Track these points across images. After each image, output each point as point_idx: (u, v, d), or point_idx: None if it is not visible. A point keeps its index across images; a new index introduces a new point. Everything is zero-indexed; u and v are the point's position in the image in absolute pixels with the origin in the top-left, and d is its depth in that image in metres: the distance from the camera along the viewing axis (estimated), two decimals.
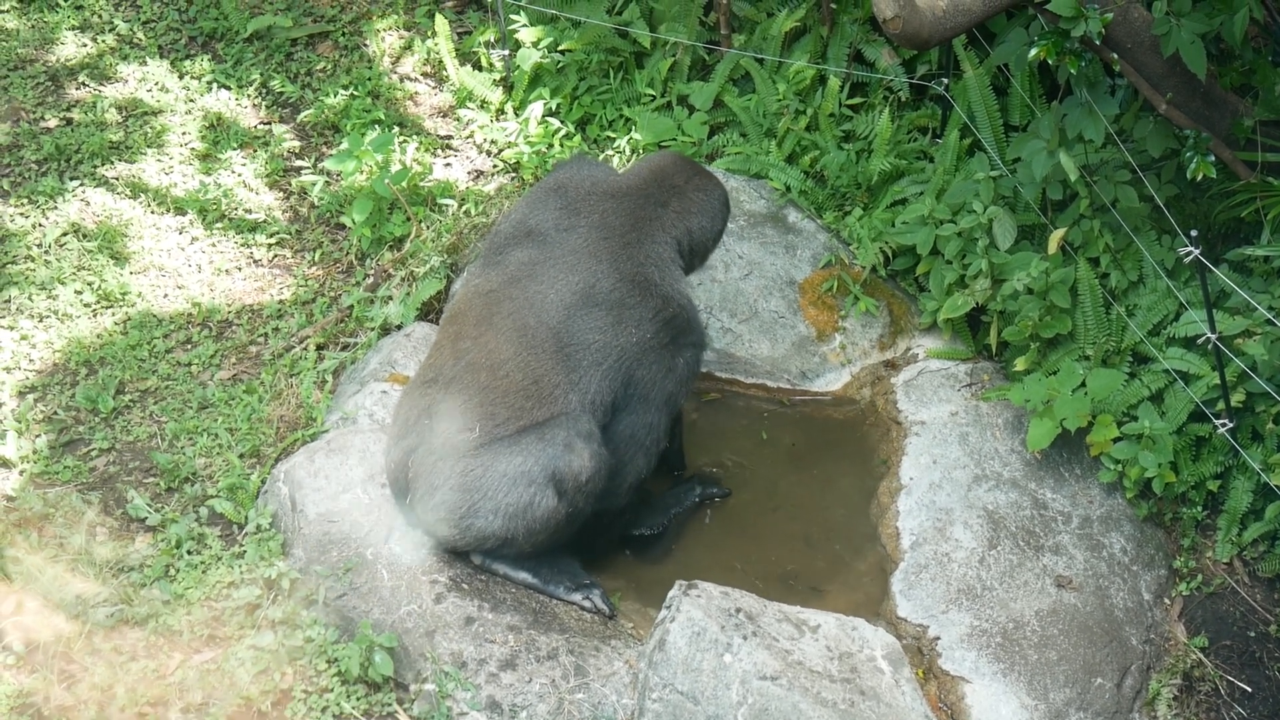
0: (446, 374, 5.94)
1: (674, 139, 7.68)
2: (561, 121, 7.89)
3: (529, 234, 6.08)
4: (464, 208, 7.49)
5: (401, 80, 8.31)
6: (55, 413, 6.70)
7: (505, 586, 5.92)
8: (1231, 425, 6.09)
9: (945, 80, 7.29)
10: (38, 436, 6.58)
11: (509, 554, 5.92)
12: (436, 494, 5.81)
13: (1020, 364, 6.54)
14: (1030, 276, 6.42)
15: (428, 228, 7.39)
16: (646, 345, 5.91)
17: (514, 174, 7.80)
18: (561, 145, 7.80)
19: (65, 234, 7.42)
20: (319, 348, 6.99)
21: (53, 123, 8.02)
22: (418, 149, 7.87)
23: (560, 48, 7.97)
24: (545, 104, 7.92)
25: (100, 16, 8.55)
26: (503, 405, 5.84)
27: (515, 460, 5.76)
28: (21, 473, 6.44)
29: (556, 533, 5.87)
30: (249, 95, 8.24)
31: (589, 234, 5.99)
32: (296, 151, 7.98)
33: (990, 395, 6.65)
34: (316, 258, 7.46)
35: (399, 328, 6.94)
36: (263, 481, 6.33)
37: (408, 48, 8.44)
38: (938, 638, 5.97)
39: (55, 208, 7.55)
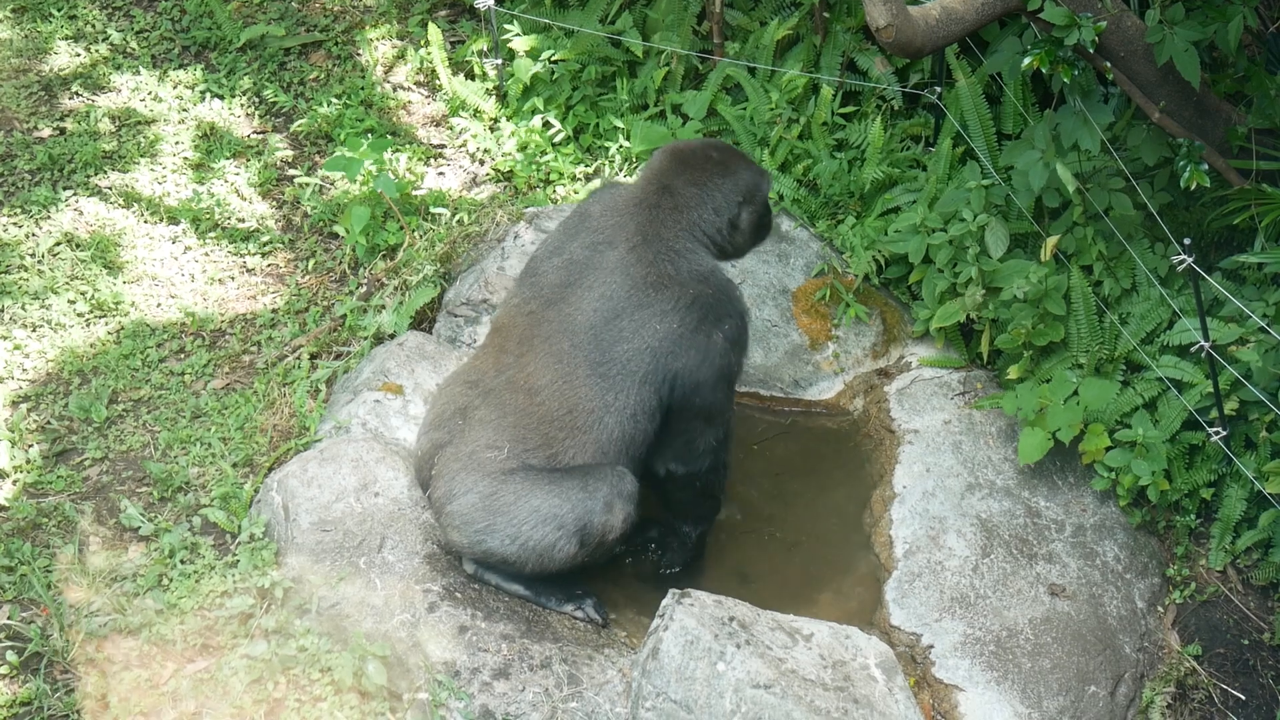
0: (487, 383, 5.95)
1: None
2: (557, 128, 7.89)
3: (562, 260, 6.05)
4: (457, 217, 7.49)
5: (394, 89, 8.31)
6: (48, 422, 6.69)
7: (498, 595, 5.91)
8: (1225, 433, 6.09)
9: (938, 89, 7.29)
10: (31, 446, 6.57)
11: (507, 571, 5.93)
12: (455, 501, 5.82)
13: (1013, 372, 6.54)
14: (1029, 284, 6.41)
15: (420, 237, 7.39)
16: (676, 335, 5.84)
17: (507, 183, 7.80)
18: (555, 154, 7.81)
19: (58, 243, 7.42)
20: (312, 357, 6.99)
21: (46, 132, 8.02)
22: (410, 158, 7.87)
23: (553, 57, 7.97)
24: (538, 113, 7.92)
25: (93, 26, 8.55)
26: (535, 432, 5.84)
27: (552, 501, 5.76)
28: (14, 482, 6.43)
29: (563, 570, 5.88)
30: (242, 105, 8.24)
31: (607, 251, 5.97)
32: (289, 161, 7.98)
33: (983, 404, 6.65)
34: (309, 267, 7.45)
35: (392, 336, 6.93)
36: (256, 491, 6.32)
37: (400, 57, 8.45)
38: (931, 646, 5.97)
39: (48, 217, 7.54)
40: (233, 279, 7.42)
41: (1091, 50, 6.05)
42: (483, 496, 5.79)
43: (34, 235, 7.46)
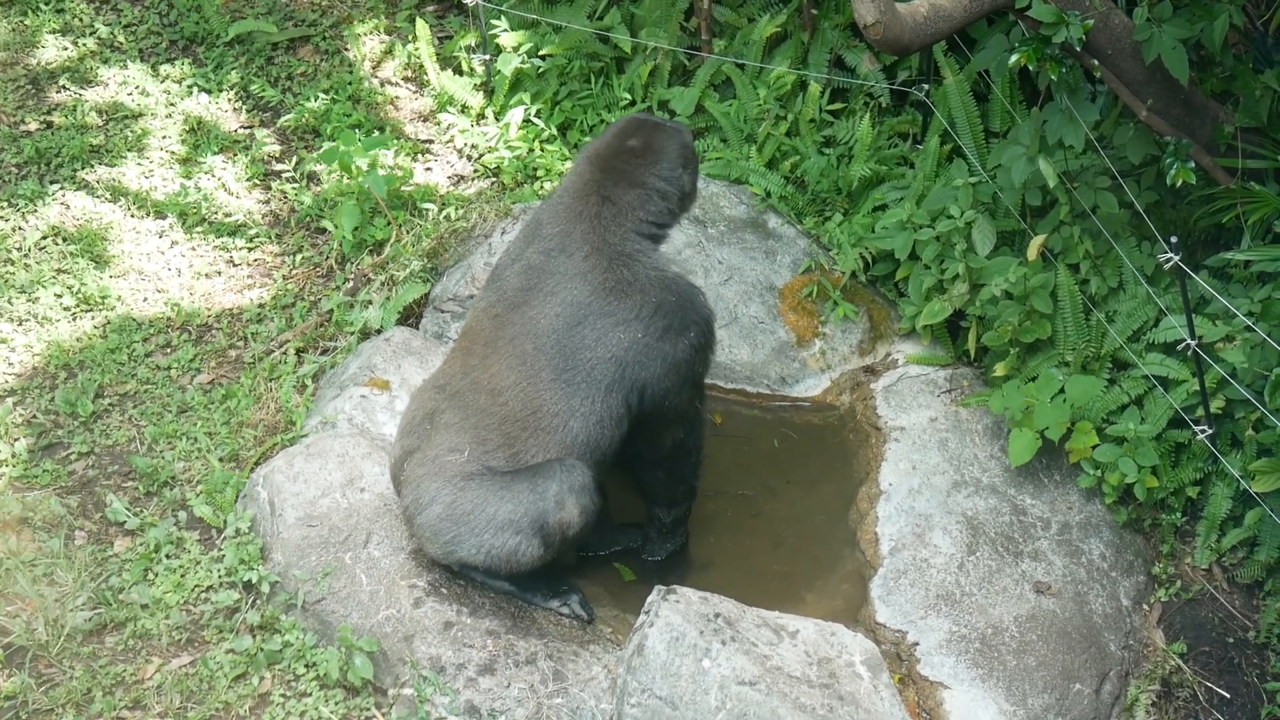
0: (454, 385, 5.92)
1: None
2: (544, 124, 7.89)
3: (522, 265, 6.01)
4: (444, 212, 7.49)
5: (382, 85, 8.31)
6: (34, 416, 6.68)
7: (484, 591, 5.91)
8: (1211, 431, 6.10)
9: (926, 86, 7.30)
10: (17, 440, 6.56)
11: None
12: (424, 511, 5.78)
13: (1000, 369, 6.54)
14: (1009, 282, 6.42)
15: (408, 232, 7.39)
16: (641, 344, 5.80)
17: (494, 178, 7.80)
18: (542, 150, 7.80)
19: (45, 237, 7.41)
20: (299, 352, 6.98)
21: (33, 126, 8.01)
22: (398, 153, 7.86)
23: (541, 52, 7.97)
24: (526, 109, 7.92)
25: (81, 20, 8.54)
26: (496, 432, 5.80)
27: (505, 506, 5.72)
28: (0, 476, 6.42)
29: (537, 570, 5.85)
30: (229, 99, 8.23)
31: (561, 258, 5.91)
32: (277, 155, 7.97)
33: (970, 401, 6.65)
34: (297, 262, 7.45)
35: (379, 332, 6.93)
36: (242, 486, 6.31)
37: (388, 52, 8.44)
38: (916, 643, 5.98)
39: (35, 211, 7.53)
40: (219, 273, 7.42)
41: (1079, 48, 6.06)
42: (446, 506, 5.75)
43: (20, 229, 7.45)
